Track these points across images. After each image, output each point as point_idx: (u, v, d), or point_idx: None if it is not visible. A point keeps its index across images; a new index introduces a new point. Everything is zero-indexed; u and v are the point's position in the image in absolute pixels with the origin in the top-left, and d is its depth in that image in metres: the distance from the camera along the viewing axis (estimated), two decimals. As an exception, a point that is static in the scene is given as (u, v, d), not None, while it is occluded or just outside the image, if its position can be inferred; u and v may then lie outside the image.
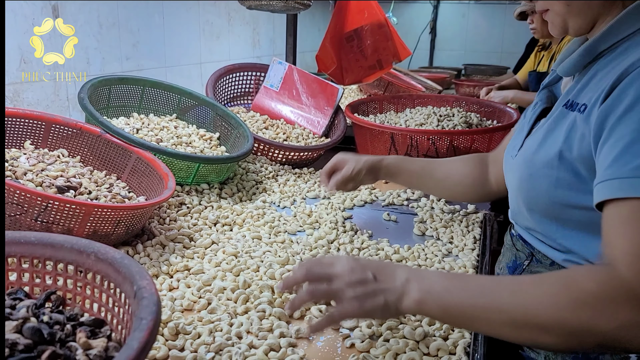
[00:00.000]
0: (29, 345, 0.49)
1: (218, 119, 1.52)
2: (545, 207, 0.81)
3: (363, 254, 1.05)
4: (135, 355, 0.43)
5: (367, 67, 2.15)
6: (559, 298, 0.61)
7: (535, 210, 0.83)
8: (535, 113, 0.90)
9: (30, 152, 1.07)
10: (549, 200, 0.80)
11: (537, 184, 0.81)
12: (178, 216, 1.14)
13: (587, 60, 0.79)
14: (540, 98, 0.93)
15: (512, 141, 0.94)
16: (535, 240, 0.88)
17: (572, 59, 0.81)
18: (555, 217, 0.81)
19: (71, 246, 0.63)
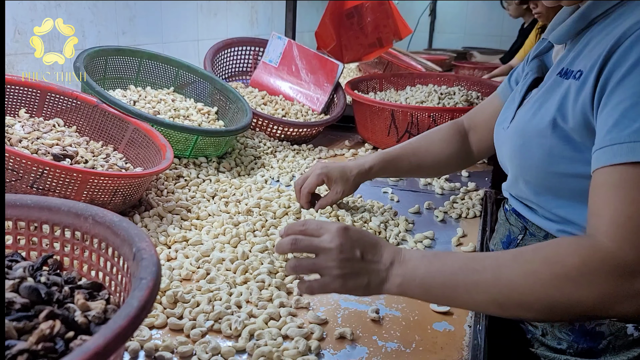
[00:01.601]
0: (26, 304, 0.48)
1: (216, 93, 1.50)
2: (539, 176, 0.81)
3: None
4: (135, 313, 0.42)
5: (367, 45, 2.13)
6: (541, 275, 0.60)
7: (529, 180, 0.83)
8: (526, 83, 0.89)
9: (25, 121, 1.05)
10: (542, 169, 0.79)
11: (530, 154, 0.80)
12: (176, 188, 1.12)
13: (580, 27, 0.78)
14: (531, 68, 0.92)
15: (503, 113, 0.94)
16: (530, 212, 0.87)
17: (565, 25, 0.80)
18: (550, 186, 0.80)
19: (68, 209, 0.61)
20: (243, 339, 0.68)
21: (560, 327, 0.83)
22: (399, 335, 0.72)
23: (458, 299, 0.65)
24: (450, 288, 0.65)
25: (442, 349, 0.69)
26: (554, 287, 0.60)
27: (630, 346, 0.79)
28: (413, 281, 0.66)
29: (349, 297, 0.81)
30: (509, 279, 0.62)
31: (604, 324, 0.80)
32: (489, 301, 0.63)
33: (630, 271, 0.58)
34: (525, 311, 0.62)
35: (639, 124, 0.62)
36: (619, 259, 0.59)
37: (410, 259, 0.68)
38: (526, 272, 0.61)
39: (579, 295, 0.59)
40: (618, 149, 0.63)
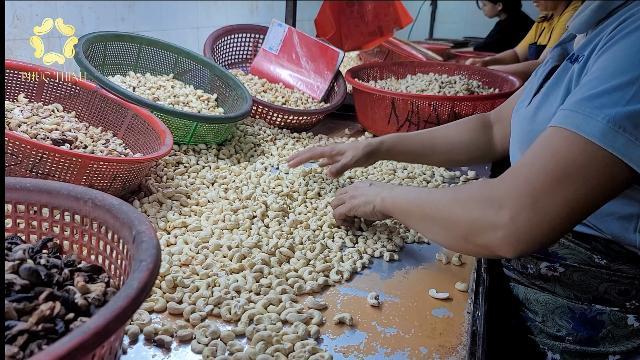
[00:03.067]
0: (26, 285, 0.48)
1: (216, 80, 1.49)
2: None
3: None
4: (135, 294, 0.42)
5: (368, 33, 2.11)
6: (447, 196, 0.74)
7: None
8: (545, 71, 0.89)
9: (24, 105, 1.04)
10: None
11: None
12: (175, 175, 1.12)
13: (599, 17, 0.77)
14: (552, 56, 0.91)
15: (522, 98, 0.93)
16: None
17: (584, 15, 0.79)
18: None
19: (68, 193, 0.61)
20: (242, 324, 0.68)
21: (561, 314, 0.83)
22: (398, 321, 0.72)
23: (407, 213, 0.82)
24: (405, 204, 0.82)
25: (441, 335, 0.69)
26: (448, 206, 0.73)
27: (629, 336, 0.79)
28: (390, 198, 0.86)
29: (349, 284, 0.81)
30: (430, 197, 0.77)
31: (604, 313, 0.80)
32: (419, 215, 0.79)
33: (495, 204, 0.66)
34: (435, 227, 0.76)
35: (584, 96, 0.64)
36: (492, 192, 0.67)
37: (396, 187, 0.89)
38: (441, 194, 0.76)
39: (459, 217, 0.70)
40: (560, 114, 0.66)
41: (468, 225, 0.68)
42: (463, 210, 0.69)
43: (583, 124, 0.62)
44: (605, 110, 0.61)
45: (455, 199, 0.72)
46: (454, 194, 0.73)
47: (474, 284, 0.82)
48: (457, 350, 0.66)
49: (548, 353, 0.84)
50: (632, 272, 0.78)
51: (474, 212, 0.68)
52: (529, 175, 0.64)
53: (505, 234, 0.64)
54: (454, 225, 0.71)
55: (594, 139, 0.61)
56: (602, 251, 0.79)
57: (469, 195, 0.70)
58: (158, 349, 0.63)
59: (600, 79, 0.64)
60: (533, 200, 0.63)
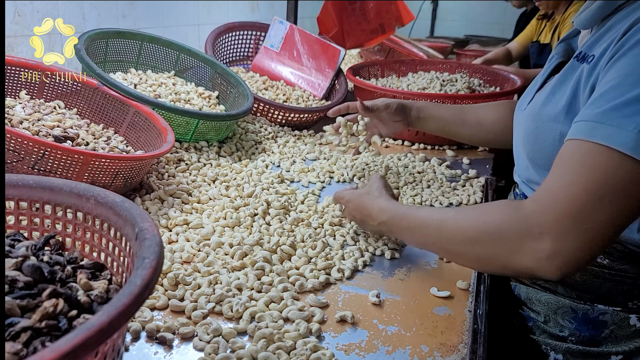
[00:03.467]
0: (29, 282, 0.48)
1: (217, 77, 1.49)
2: (549, 161, 0.80)
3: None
4: (138, 292, 0.42)
5: (369, 31, 2.11)
6: (470, 229, 0.70)
7: (539, 164, 0.82)
8: (550, 67, 0.88)
9: (25, 102, 1.04)
10: (553, 155, 0.79)
11: (541, 138, 0.80)
12: (177, 172, 1.12)
13: (605, 13, 0.77)
14: (557, 52, 0.91)
15: (524, 95, 0.93)
16: None
17: (590, 11, 0.78)
18: None
19: (70, 190, 0.61)
20: (244, 321, 0.68)
21: (563, 314, 0.83)
22: (399, 319, 0.72)
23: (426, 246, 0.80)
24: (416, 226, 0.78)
25: (442, 333, 0.69)
26: (476, 240, 0.69)
27: (632, 336, 0.79)
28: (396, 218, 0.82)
29: (350, 282, 0.81)
30: (448, 232, 0.73)
31: (607, 313, 0.80)
32: (437, 244, 0.77)
33: (536, 232, 0.64)
34: (460, 260, 0.75)
35: (609, 106, 0.62)
36: (530, 219, 0.64)
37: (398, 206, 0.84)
38: (459, 224, 0.72)
39: (494, 250, 0.67)
40: (583, 125, 0.65)
41: (506, 256, 0.66)
42: (497, 244, 0.67)
43: (614, 136, 0.60)
44: (635, 118, 0.60)
45: (483, 232, 0.68)
46: (478, 224, 0.69)
47: (475, 282, 0.82)
48: (459, 349, 0.66)
49: (550, 353, 0.84)
50: (635, 272, 0.78)
51: (510, 243, 0.65)
52: (570, 198, 0.62)
53: (549, 259, 0.62)
54: (487, 260, 0.69)
55: (628, 150, 0.59)
56: (605, 251, 0.79)
57: (499, 226, 0.67)
58: (160, 346, 0.63)
59: (623, 86, 0.62)
60: (577, 224, 0.61)
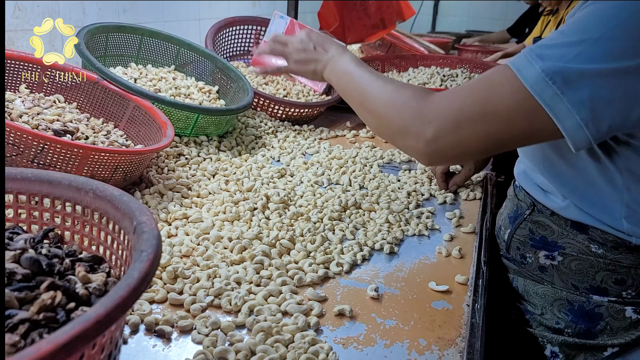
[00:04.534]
0: (27, 275, 0.48)
1: (217, 72, 1.49)
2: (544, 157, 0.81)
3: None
4: (136, 284, 0.42)
5: (370, 26, 2.11)
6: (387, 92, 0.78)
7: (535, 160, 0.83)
8: None
9: (25, 96, 1.04)
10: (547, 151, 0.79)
11: None
12: (176, 166, 1.12)
13: None
14: None
15: None
16: (537, 190, 0.87)
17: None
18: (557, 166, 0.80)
19: (69, 183, 0.61)
20: (243, 315, 0.68)
21: (559, 307, 0.84)
22: (397, 313, 0.72)
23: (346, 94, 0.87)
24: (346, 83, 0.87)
25: (440, 327, 0.70)
26: (386, 103, 0.77)
27: (628, 328, 0.80)
28: (334, 71, 0.90)
29: (349, 276, 0.81)
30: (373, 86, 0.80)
31: (603, 306, 0.80)
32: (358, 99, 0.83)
33: (425, 120, 0.71)
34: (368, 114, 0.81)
35: (537, 44, 0.66)
36: (427, 107, 0.71)
37: (345, 57, 0.90)
38: (383, 86, 0.79)
39: (393, 118, 0.75)
40: (516, 56, 0.68)
41: (398, 127, 0.74)
42: (397, 114, 0.75)
43: (523, 68, 0.64)
44: (547, 61, 0.63)
45: (393, 100, 0.76)
46: (393, 94, 0.77)
47: (474, 276, 0.82)
48: (456, 343, 0.67)
49: (547, 346, 0.85)
50: (628, 261, 0.78)
51: (406, 119, 0.73)
52: (461, 102, 0.69)
53: (424, 146, 0.71)
54: (385, 122, 0.77)
55: (527, 84, 0.63)
56: (599, 241, 0.79)
57: (405, 102, 0.74)
58: (159, 339, 0.64)
59: (559, 33, 0.65)
60: (457, 126, 0.68)
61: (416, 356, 0.64)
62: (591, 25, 0.62)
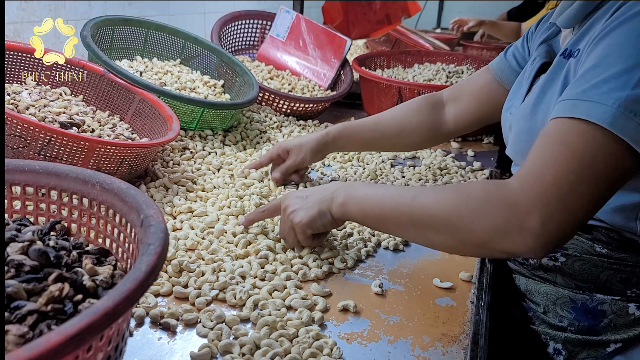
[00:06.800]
0: (35, 266, 0.49)
1: (223, 66, 1.49)
2: None
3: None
4: (143, 277, 0.42)
5: (375, 21, 2.10)
6: (448, 201, 0.67)
7: None
8: (534, 69, 0.88)
9: (32, 88, 1.04)
10: None
11: (535, 137, 0.79)
12: (182, 160, 1.12)
13: (587, 11, 0.77)
14: (539, 53, 0.90)
15: (510, 98, 0.93)
16: None
17: (572, 10, 0.78)
18: None
19: (76, 176, 0.61)
20: (247, 309, 0.68)
21: (562, 305, 0.84)
22: (401, 309, 0.72)
23: (386, 221, 0.73)
24: (380, 207, 0.73)
25: (444, 324, 0.70)
26: (455, 212, 0.65)
27: (631, 325, 0.80)
28: (352, 200, 0.76)
29: (353, 272, 0.81)
30: (423, 202, 0.69)
31: (606, 303, 0.80)
32: (407, 222, 0.70)
33: (523, 210, 0.61)
34: (433, 233, 0.69)
35: (590, 84, 0.62)
36: (516, 197, 0.62)
37: (353, 185, 0.80)
38: (437, 198, 0.68)
39: (474, 224, 0.64)
40: (565, 104, 0.64)
41: (487, 233, 0.63)
42: (479, 218, 0.63)
43: (594, 110, 0.60)
44: (614, 94, 0.60)
45: (463, 205, 0.65)
46: (457, 197, 0.66)
47: (478, 273, 0.82)
48: (460, 339, 0.67)
49: (550, 343, 0.85)
50: (633, 260, 0.78)
51: (495, 219, 0.62)
52: (555, 177, 0.61)
53: (534, 240, 0.61)
54: (466, 233, 0.65)
55: (607, 124, 0.59)
56: (603, 240, 0.79)
57: (482, 201, 0.64)
58: (164, 332, 0.64)
59: (602, 66, 0.63)
60: (563, 202, 0.61)
61: (420, 352, 0.64)
62: (636, 47, 0.61)
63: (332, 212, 0.78)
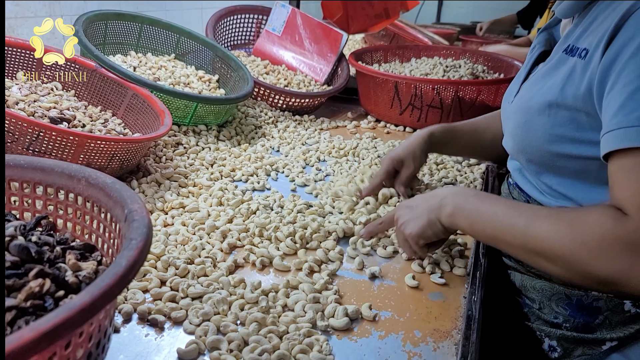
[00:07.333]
0: (16, 262, 0.48)
1: (217, 61, 1.48)
2: (540, 155, 0.79)
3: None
4: (123, 272, 0.41)
5: (374, 15, 2.08)
6: (564, 236, 0.62)
7: (530, 158, 0.81)
8: (532, 57, 0.87)
9: (22, 83, 1.03)
10: (543, 148, 0.78)
11: (531, 132, 0.78)
12: (175, 155, 1.11)
13: (586, 1, 0.75)
14: (539, 41, 0.89)
15: (510, 87, 0.92)
16: (531, 188, 0.86)
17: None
18: (550, 165, 0.79)
19: (62, 170, 0.61)
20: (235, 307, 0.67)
21: (557, 301, 0.83)
22: (393, 305, 0.71)
23: (495, 239, 0.71)
24: (491, 225, 0.70)
25: (436, 319, 0.69)
26: (571, 251, 0.62)
27: (626, 322, 0.79)
28: (462, 212, 0.73)
29: (345, 267, 0.80)
30: (537, 231, 0.65)
31: (601, 300, 0.79)
32: (519, 246, 0.67)
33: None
34: (550, 265, 0.65)
35: (633, 110, 0.60)
36: (635, 236, 0.58)
37: (462, 193, 0.76)
38: (551, 230, 0.64)
39: (593, 265, 0.60)
40: (625, 133, 0.62)
41: (610, 274, 0.60)
42: (596, 259, 0.60)
43: None
44: None
45: (579, 242, 0.61)
46: (573, 232, 0.62)
47: (472, 268, 0.81)
48: (452, 335, 0.66)
49: (545, 340, 0.84)
50: None
51: (615, 262, 0.59)
52: None
53: None
54: (584, 271, 0.62)
55: None
56: None
57: (598, 240, 0.60)
58: (151, 328, 0.63)
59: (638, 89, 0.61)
60: None
61: (411, 348, 0.63)
62: None
63: (441, 221, 0.76)
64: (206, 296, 0.68)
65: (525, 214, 0.68)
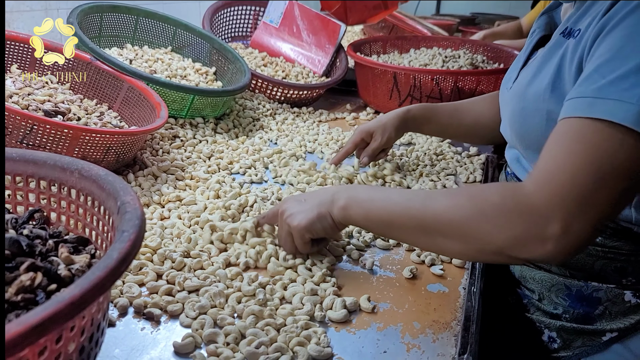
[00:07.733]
0: (7, 256, 0.47)
1: (215, 53, 1.46)
2: (538, 142, 0.78)
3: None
4: (114, 265, 0.41)
5: (372, 6, 2.06)
6: (462, 207, 0.62)
7: (527, 145, 0.80)
8: (532, 42, 0.85)
9: (16, 76, 1.02)
10: (541, 135, 0.76)
11: (529, 118, 0.77)
12: (171, 148, 1.11)
13: None
14: (539, 25, 0.88)
15: (509, 72, 0.90)
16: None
17: None
18: None
19: (54, 163, 0.60)
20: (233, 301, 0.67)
21: (557, 292, 0.82)
22: (392, 296, 0.71)
23: (392, 226, 0.68)
24: (387, 211, 0.68)
25: (435, 310, 0.68)
26: (471, 220, 0.61)
27: (626, 313, 0.78)
28: (356, 202, 0.70)
29: (343, 258, 0.80)
30: (435, 208, 0.64)
31: (601, 290, 0.79)
32: (417, 229, 0.66)
33: (542, 216, 0.58)
34: (446, 240, 0.64)
35: (606, 80, 0.59)
36: (533, 204, 0.59)
37: (355, 187, 0.76)
38: (450, 204, 0.63)
39: (491, 233, 0.60)
40: (580, 102, 0.60)
41: (506, 242, 0.59)
42: (496, 227, 0.59)
43: (615, 109, 0.56)
44: (636, 90, 0.56)
45: (478, 212, 0.61)
46: (472, 204, 0.62)
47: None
48: (451, 326, 0.65)
49: (545, 331, 0.83)
50: (628, 248, 0.76)
51: (514, 227, 0.59)
52: (573, 180, 0.58)
53: (555, 246, 0.58)
54: (482, 242, 0.61)
55: (630, 123, 0.55)
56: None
57: (498, 207, 0.60)
58: (147, 322, 0.63)
59: (617, 59, 0.59)
60: (582, 206, 0.57)
61: (410, 339, 0.62)
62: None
63: (332, 215, 0.72)
64: (203, 289, 0.67)
65: (421, 195, 0.68)
